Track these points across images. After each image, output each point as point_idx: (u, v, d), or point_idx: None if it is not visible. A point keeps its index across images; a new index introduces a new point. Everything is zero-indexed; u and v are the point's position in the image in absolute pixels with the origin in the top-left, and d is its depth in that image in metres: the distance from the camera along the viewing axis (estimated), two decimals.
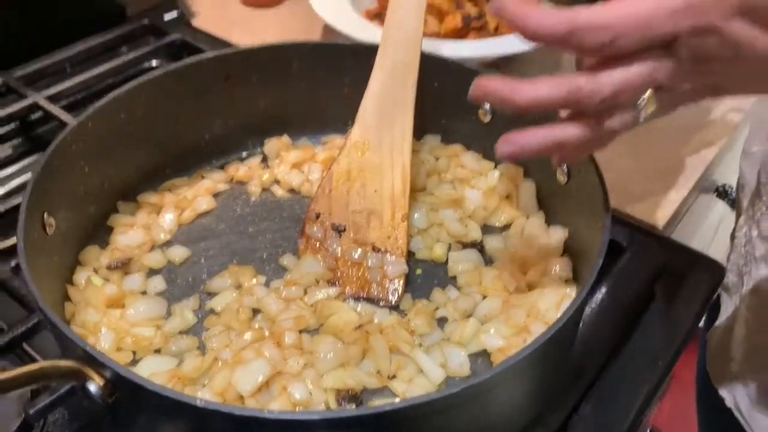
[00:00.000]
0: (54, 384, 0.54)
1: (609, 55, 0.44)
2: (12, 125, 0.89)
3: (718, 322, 0.89)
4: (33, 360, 0.61)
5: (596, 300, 0.66)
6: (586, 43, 0.43)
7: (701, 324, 0.98)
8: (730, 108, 1.01)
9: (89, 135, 0.65)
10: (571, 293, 0.62)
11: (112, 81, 0.96)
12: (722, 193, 1.17)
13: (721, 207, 1.17)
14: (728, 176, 1.05)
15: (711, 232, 1.43)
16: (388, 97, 0.73)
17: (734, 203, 0.99)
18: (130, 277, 0.65)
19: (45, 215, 0.59)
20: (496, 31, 1.03)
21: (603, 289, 0.67)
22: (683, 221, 0.99)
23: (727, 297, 0.87)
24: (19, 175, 0.85)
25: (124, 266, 0.65)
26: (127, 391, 0.45)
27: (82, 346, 0.44)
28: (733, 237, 0.83)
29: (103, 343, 0.58)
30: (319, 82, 0.80)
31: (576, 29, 0.42)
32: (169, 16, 1.07)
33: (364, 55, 0.75)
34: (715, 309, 0.92)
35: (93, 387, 0.45)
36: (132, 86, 0.69)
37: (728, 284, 0.87)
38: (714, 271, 0.74)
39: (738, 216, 0.92)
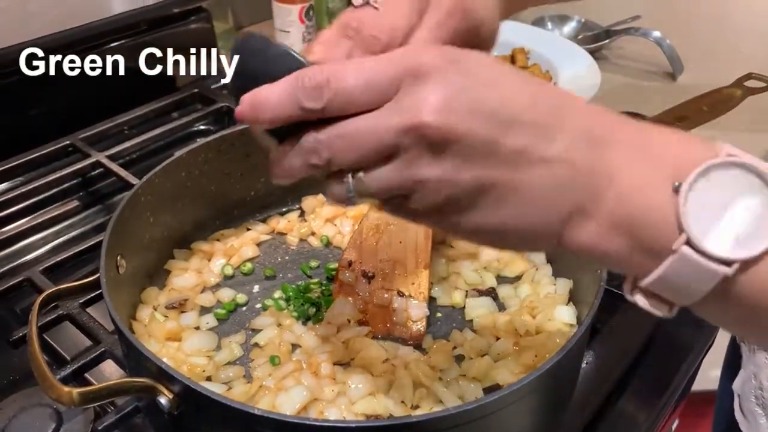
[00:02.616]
0: (121, 403, 0.63)
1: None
2: (75, 180, 0.98)
3: (741, 372, 0.93)
4: None
5: (599, 343, 0.72)
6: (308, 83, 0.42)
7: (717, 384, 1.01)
8: None
9: (155, 189, 0.73)
10: None
11: (165, 142, 1.06)
12: None
13: None
14: None
15: None
16: None
17: None
18: (186, 314, 0.72)
19: (118, 257, 0.66)
20: None
21: (605, 334, 0.73)
22: None
23: (745, 347, 0.92)
24: (81, 225, 0.93)
25: (180, 306, 0.72)
26: (192, 403, 0.52)
27: (157, 363, 0.52)
28: None
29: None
30: None
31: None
32: (215, 86, 1.18)
33: None
34: (736, 359, 0.96)
35: (163, 400, 0.52)
36: (191, 148, 0.77)
37: None
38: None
39: None
